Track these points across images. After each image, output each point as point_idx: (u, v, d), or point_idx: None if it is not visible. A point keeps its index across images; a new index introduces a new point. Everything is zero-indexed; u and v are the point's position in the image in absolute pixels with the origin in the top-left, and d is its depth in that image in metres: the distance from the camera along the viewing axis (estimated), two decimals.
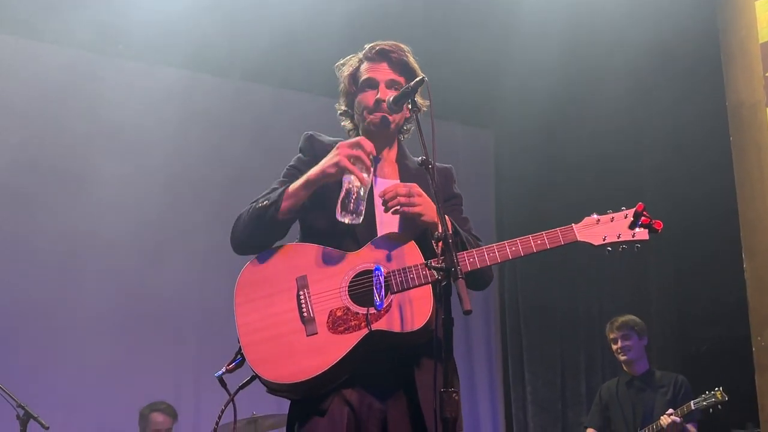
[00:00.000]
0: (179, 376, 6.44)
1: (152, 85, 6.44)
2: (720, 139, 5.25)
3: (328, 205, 2.75)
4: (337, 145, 2.72)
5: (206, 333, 6.38)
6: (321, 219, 2.79)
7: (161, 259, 6.34)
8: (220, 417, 2.81)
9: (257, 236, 2.78)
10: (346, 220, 2.65)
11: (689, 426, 5.50)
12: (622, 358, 5.86)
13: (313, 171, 2.73)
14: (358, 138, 2.73)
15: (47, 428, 4.70)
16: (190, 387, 6.43)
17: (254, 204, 2.79)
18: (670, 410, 5.48)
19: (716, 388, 5.45)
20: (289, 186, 2.76)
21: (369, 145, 2.70)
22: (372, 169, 2.72)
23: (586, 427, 6.09)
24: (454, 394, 2.28)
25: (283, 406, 2.93)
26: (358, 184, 2.65)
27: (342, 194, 2.66)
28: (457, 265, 2.35)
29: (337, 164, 2.67)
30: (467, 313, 2.23)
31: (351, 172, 2.65)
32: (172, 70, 6.66)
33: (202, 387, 6.37)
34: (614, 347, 5.93)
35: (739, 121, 5.03)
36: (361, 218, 2.66)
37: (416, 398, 2.66)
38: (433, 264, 2.41)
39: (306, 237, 2.86)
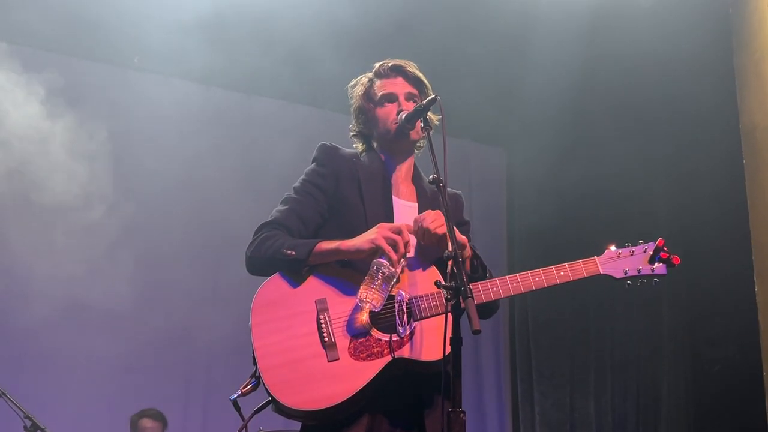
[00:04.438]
0: (189, 391, 6.44)
1: (167, 96, 6.47)
2: (733, 161, 5.24)
3: (346, 225, 2.74)
4: (379, 225, 2.66)
5: (217, 349, 6.36)
6: (338, 238, 2.73)
7: (172, 270, 6.35)
8: None
9: (276, 271, 2.74)
10: (366, 306, 2.57)
11: None
12: None
13: (346, 244, 2.66)
14: (400, 224, 2.67)
15: None
16: (198, 403, 6.42)
17: (277, 244, 2.71)
18: None
19: None
20: (318, 244, 2.69)
21: (408, 235, 2.64)
22: (405, 261, 2.65)
23: None
24: (461, 415, 2.27)
25: (290, 422, 2.90)
26: (387, 271, 2.56)
27: (368, 277, 2.56)
28: (466, 284, 2.34)
29: (373, 242, 2.61)
30: (476, 332, 2.21)
31: (386, 253, 2.58)
32: (186, 83, 6.70)
33: (211, 405, 6.36)
34: None
35: (752, 144, 5.02)
36: (380, 307, 2.58)
37: (425, 421, 2.64)
38: (442, 283, 2.40)
39: None
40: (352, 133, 3.05)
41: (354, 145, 3.04)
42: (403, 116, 2.82)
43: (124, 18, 5.98)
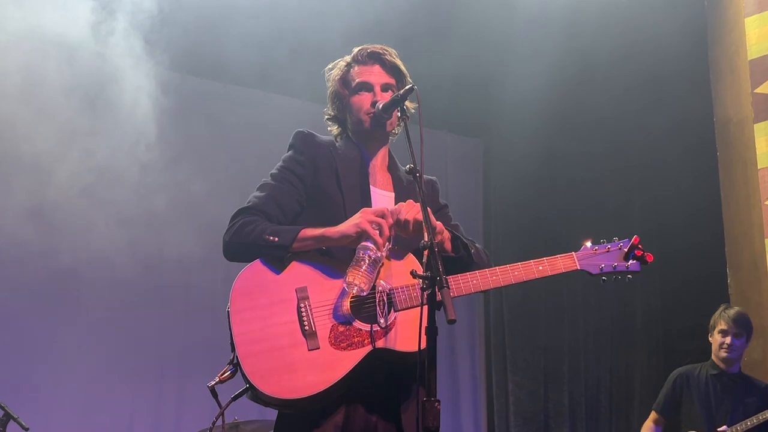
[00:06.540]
0: (162, 380, 6.40)
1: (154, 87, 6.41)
2: (707, 155, 5.28)
3: (324, 215, 2.72)
4: (362, 210, 2.66)
5: (192, 338, 6.33)
6: (318, 226, 2.71)
7: (149, 263, 6.31)
8: (211, 429, 2.74)
9: (256, 258, 2.71)
10: (354, 289, 2.55)
11: None
12: (724, 354, 5.14)
13: (332, 230, 2.65)
14: (382, 208, 2.66)
15: (27, 429, 4.66)
16: (173, 391, 6.39)
17: (258, 229, 2.68)
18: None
19: None
20: (302, 231, 2.67)
21: (391, 219, 2.63)
22: (390, 244, 2.63)
23: (654, 410, 5.52)
24: (436, 404, 2.27)
25: (265, 411, 2.90)
26: (374, 254, 2.56)
27: (354, 262, 2.55)
28: (442, 274, 2.33)
29: (358, 226, 2.60)
30: (451, 322, 2.21)
31: (371, 238, 2.57)
32: (175, 74, 6.64)
33: (186, 392, 6.34)
34: (719, 339, 5.19)
35: (726, 137, 5.07)
36: (368, 290, 2.57)
37: (401, 410, 2.65)
38: (418, 273, 2.40)
39: None
40: (326, 117, 3.03)
41: (329, 129, 3.02)
42: (380, 106, 2.81)
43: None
